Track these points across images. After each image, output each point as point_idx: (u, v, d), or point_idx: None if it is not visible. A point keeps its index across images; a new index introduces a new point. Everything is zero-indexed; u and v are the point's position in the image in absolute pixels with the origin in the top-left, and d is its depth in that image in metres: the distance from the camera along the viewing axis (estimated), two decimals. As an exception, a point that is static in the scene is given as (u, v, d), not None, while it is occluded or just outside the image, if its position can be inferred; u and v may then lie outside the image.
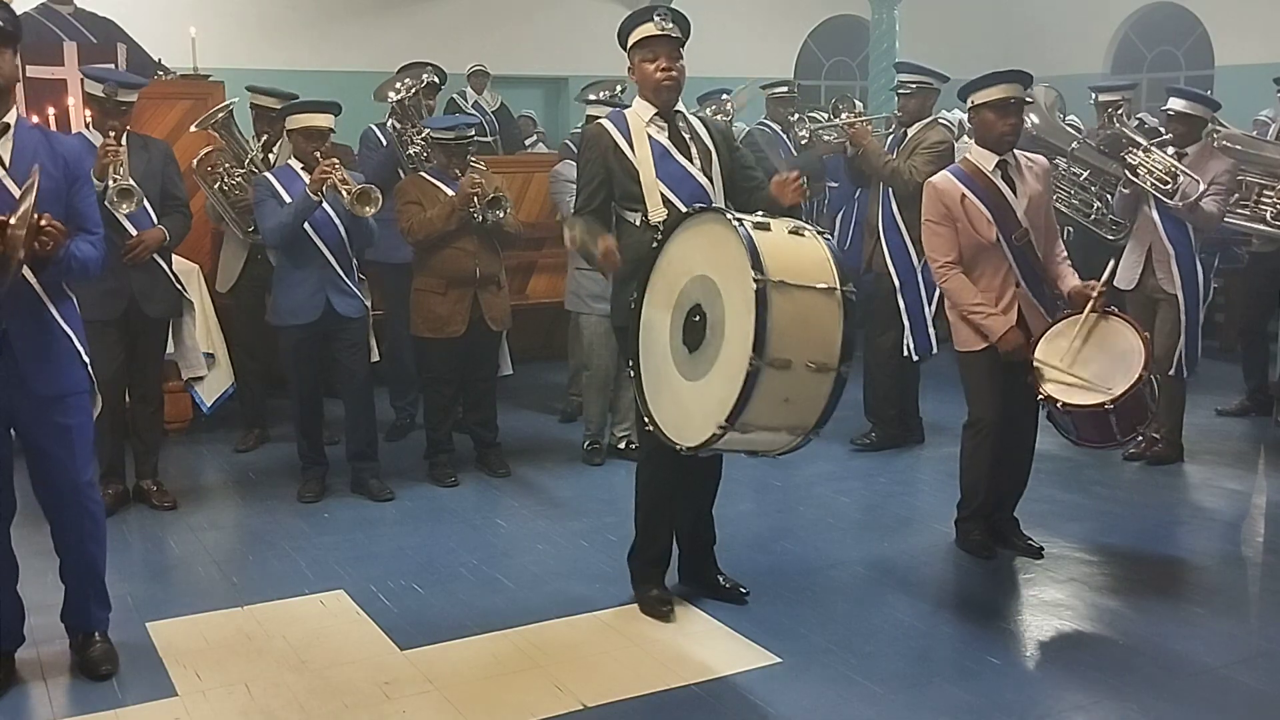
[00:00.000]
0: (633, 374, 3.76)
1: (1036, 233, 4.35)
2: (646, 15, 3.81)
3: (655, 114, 3.89)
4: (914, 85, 5.85)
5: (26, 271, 3.19)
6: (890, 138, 6.09)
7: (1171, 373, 5.57)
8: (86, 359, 3.48)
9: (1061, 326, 4.29)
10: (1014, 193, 4.34)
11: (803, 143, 7.51)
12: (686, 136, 3.91)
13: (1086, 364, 4.20)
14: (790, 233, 3.49)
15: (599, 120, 4.07)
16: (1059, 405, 4.17)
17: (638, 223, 3.86)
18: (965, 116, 5.02)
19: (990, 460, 4.50)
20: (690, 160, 3.89)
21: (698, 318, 3.50)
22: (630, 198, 3.87)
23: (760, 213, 3.57)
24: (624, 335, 3.87)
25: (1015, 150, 4.45)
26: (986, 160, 4.37)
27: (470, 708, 3.37)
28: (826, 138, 7.46)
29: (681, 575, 4.21)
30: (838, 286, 3.41)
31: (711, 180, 3.91)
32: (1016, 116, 4.34)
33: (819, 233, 3.55)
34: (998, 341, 4.30)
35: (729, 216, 3.44)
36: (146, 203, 4.84)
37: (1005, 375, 4.34)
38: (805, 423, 3.47)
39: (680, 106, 3.95)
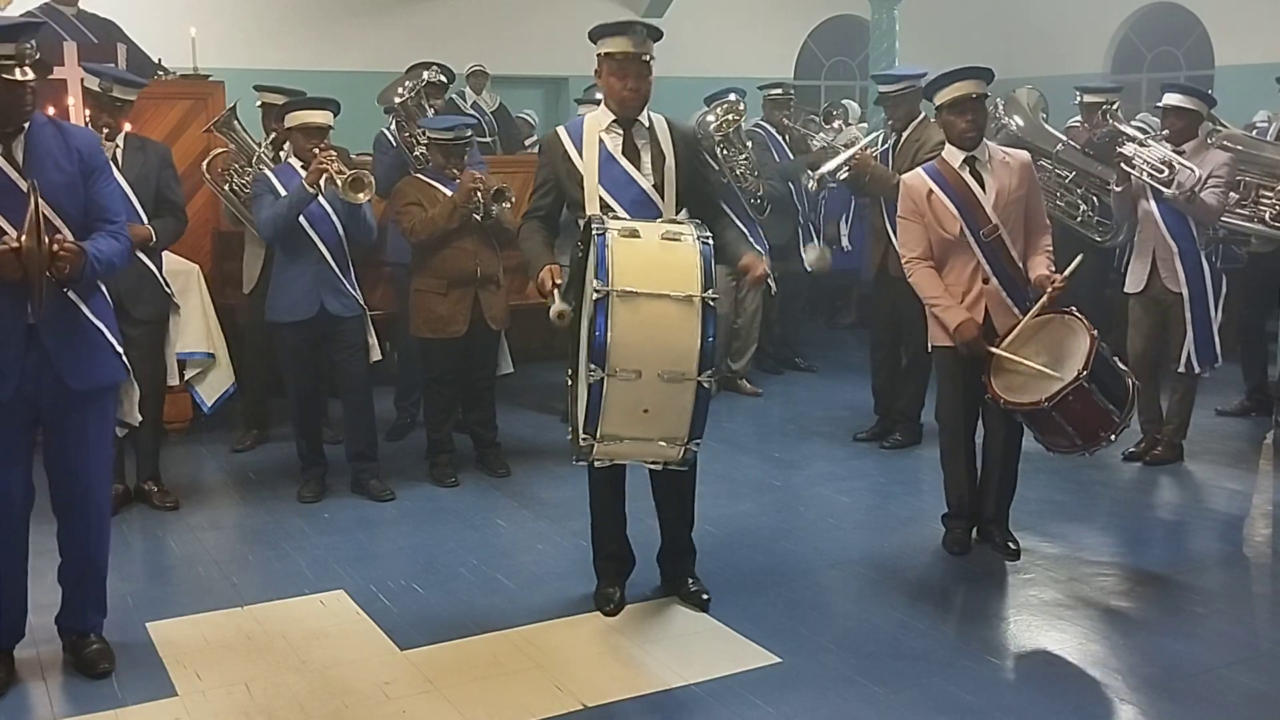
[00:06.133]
0: (569, 383, 3.78)
1: (1012, 228, 4.36)
2: (622, 29, 3.79)
3: (613, 120, 3.90)
4: (897, 92, 5.88)
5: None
6: (886, 147, 6.09)
7: (1181, 370, 5.57)
8: (120, 349, 3.50)
9: (1018, 327, 4.29)
10: (982, 188, 4.35)
11: (814, 146, 7.56)
12: (641, 141, 3.91)
13: (1033, 361, 4.19)
14: (665, 238, 3.44)
15: (555, 128, 4.10)
16: (1002, 403, 4.19)
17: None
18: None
19: (963, 455, 4.55)
20: (638, 166, 3.88)
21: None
22: (576, 204, 3.89)
23: (672, 219, 3.58)
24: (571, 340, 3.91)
25: (993, 146, 4.47)
26: (954, 157, 4.42)
27: (470, 708, 3.37)
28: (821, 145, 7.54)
29: (660, 573, 4.23)
30: (697, 294, 3.32)
31: (662, 185, 3.89)
32: (975, 114, 4.37)
33: (700, 238, 3.47)
34: (953, 333, 4.33)
35: (594, 226, 3.43)
36: (139, 205, 4.83)
37: (975, 372, 4.36)
38: (676, 433, 3.40)
39: (645, 113, 3.93)
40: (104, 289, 3.52)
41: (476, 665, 3.64)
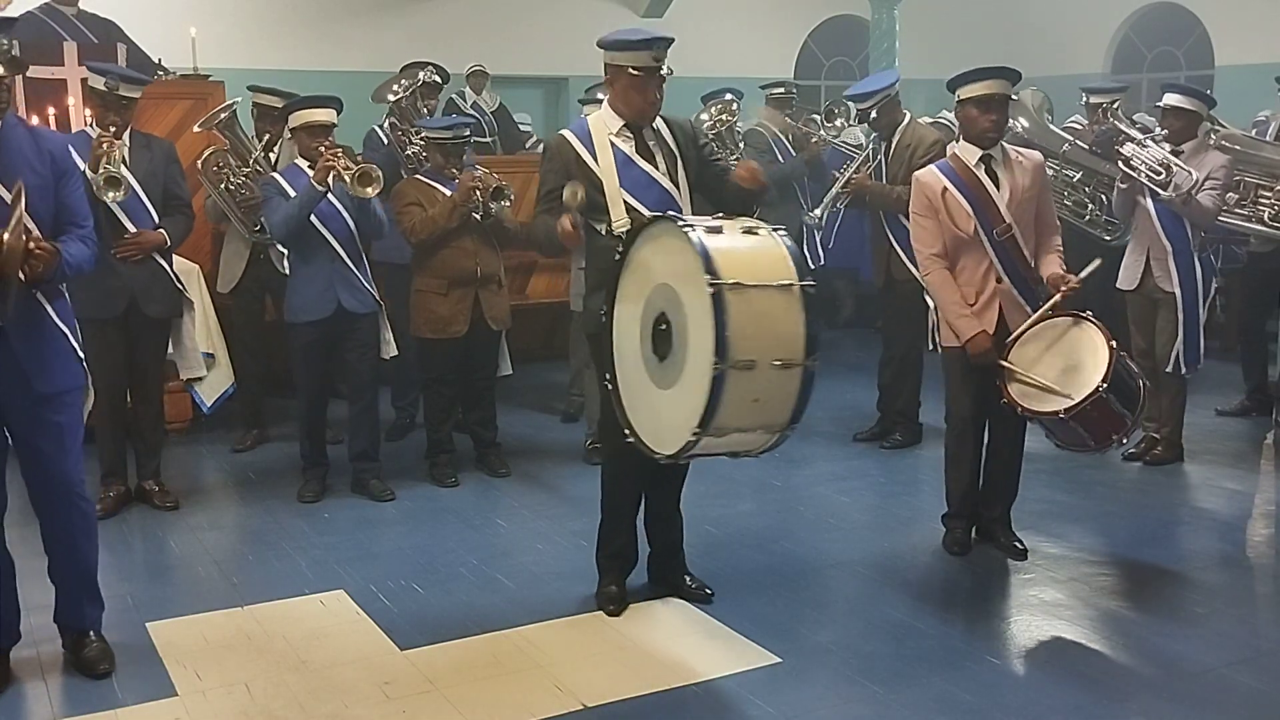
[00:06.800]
0: (610, 387, 3.75)
1: (1024, 228, 4.35)
2: (644, 45, 3.81)
3: (623, 125, 3.92)
4: (874, 106, 5.89)
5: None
6: (879, 159, 6.09)
7: (1169, 370, 5.57)
8: (81, 354, 3.49)
9: (1035, 329, 4.29)
10: (997, 187, 4.35)
11: (812, 141, 7.58)
12: (651, 143, 3.95)
13: (1050, 369, 4.20)
14: (744, 232, 3.49)
15: (560, 131, 4.10)
16: (1019, 410, 4.19)
17: (604, 232, 3.88)
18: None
19: (970, 457, 4.54)
20: (655, 166, 3.92)
21: (664, 326, 3.50)
22: (595, 208, 3.88)
23: (716, 215, 3.59)
24: (595, 343, 3.89)
25: (1007, 145, 4.46)
26: (970, 154, 4.40)
27: (470, 708, 3.37)
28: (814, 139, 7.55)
29: (650, 574, 4.23)
30: (796, 282, 3.40)
31: (678, 184, 3.95)
32: (999, 113, 4.36)
33: (775, 230, 3.54)
34: (965, 344, 4.32)
35: (680, 223, 3.44)
36: (148, 202, 4.84)
37: (986, 374, 4.35)
38: (778, 421, 3.46)
39: None
40: (66, 294, 3.51)
41: (476, 665, 3.64)
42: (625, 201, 3.84)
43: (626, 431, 3.65)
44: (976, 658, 3.69)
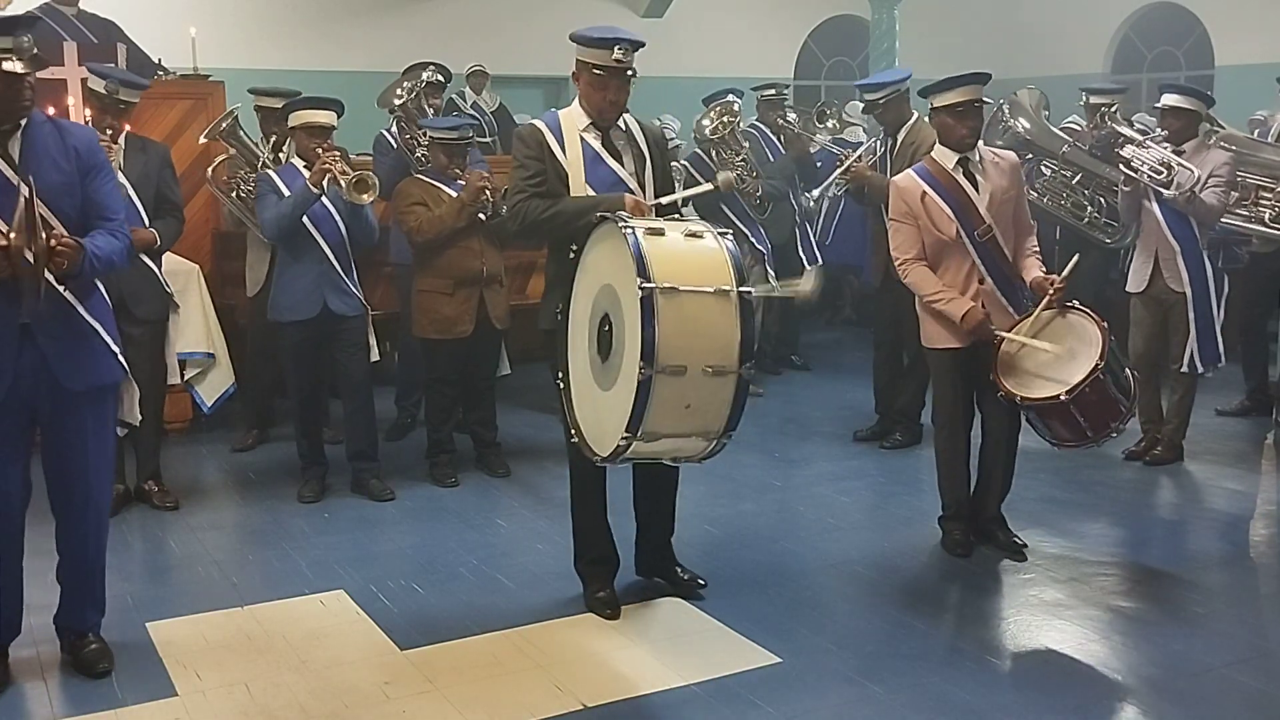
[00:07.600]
0: (560, 384, 3.75)
1: (1003, 229, 4.37)
2: (606, 44, 3.79)
3: (590, 122, 3.92)
4: (883, 98, 5.89)
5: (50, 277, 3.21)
6: (881, 152, 6.09)
7: (1185, 370, 5.57)
8: (117, 349, 3.50)
9: (1023, 324, 4.30)
10: (976, 189, 4.36)
11: (799, 135, 7.58)
12: (620, 142, 3.95)
13: (1043, 357, 4.19)
14: (688, 235, 3.47)
15: (531, 121, 4.09)
16: (1018, 400, 4.19)
17: None
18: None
19: (961, 458, 4.55)
20: (622, 165, 3.92)
21: (607, 327, 3.50)
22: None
23: (670, 215, 3.59)
24: (550, 340, 3.88)
25: (983, 147, 4.48)
26: (947, 158, 4.41)
27: (470, 708, 3.37)
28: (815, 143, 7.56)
29: (638, 567, 4.24)
30: (733, 288, 3.38)
31: (643, 184, 3.96)
32: (975, 119, 4.37)
33: (720, 233, 3.52)
34: (960, 321, 4.32)
35: (620, 224, 3.43)
36: (140, 204, 4.84)
37: (975, 373, 4.35)
38: (713, 427, 3.45)
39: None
40: (102, 289, 3.51)
41: (476, 665, 3.64)
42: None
43: (572, 431, 3.66)
44: (976, 657, 3.69)
